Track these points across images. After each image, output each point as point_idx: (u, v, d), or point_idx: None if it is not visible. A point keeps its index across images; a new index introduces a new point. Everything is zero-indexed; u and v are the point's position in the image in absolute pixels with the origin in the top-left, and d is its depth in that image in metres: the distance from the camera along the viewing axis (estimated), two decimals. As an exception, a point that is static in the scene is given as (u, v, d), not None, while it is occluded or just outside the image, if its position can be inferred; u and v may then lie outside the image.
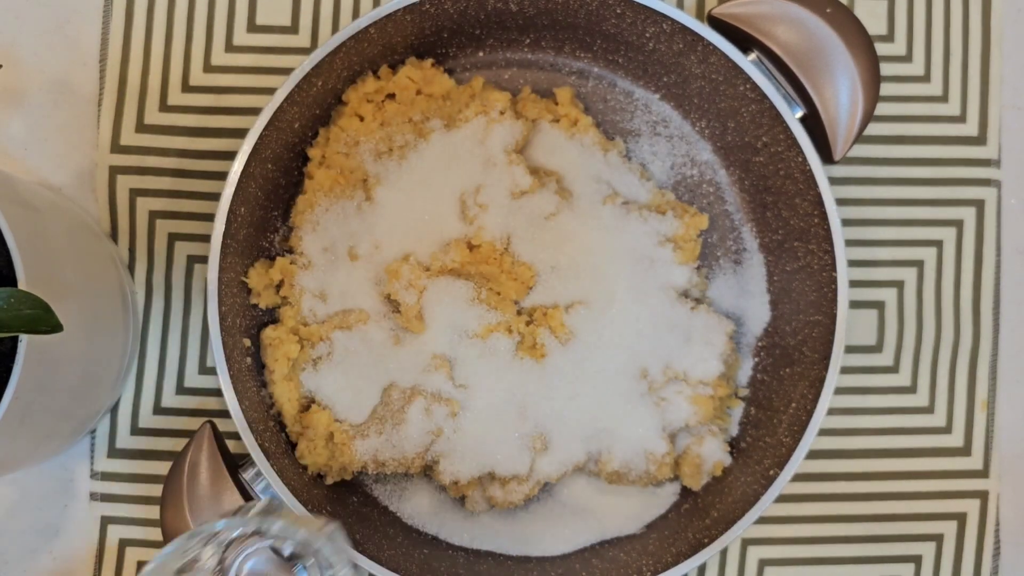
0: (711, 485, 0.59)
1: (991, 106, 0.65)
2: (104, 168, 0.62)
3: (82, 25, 0.63)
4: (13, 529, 0.61)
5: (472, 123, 0.58)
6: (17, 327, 0.42)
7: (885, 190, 0.64)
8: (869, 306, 0.64)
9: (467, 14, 0.59)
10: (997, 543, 0.64)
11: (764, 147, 0.59)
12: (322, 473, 0.58)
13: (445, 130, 0.59)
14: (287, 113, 0.55)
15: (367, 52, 0.58)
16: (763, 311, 0.62)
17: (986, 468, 0.64)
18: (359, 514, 0.59)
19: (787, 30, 0.57)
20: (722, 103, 0.60)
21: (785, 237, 0.60)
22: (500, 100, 0.59)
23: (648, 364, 0.58)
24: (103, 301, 0.55)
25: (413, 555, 0.58)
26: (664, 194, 0.61)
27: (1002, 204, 0.65)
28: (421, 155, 0.58)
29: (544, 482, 0.59)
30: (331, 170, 0.58)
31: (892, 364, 0.64)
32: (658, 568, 0.56)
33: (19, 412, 0.46)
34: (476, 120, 0.58)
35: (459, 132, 0.58)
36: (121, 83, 0.63)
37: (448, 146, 0.58)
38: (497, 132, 0.58)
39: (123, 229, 0.62)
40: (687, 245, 0.60)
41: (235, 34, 0.63)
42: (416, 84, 0.59)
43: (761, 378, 0.61)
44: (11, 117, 0.62)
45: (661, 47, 0.59)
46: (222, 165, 0.62)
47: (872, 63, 0.57)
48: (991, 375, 0.64)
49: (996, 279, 0.65)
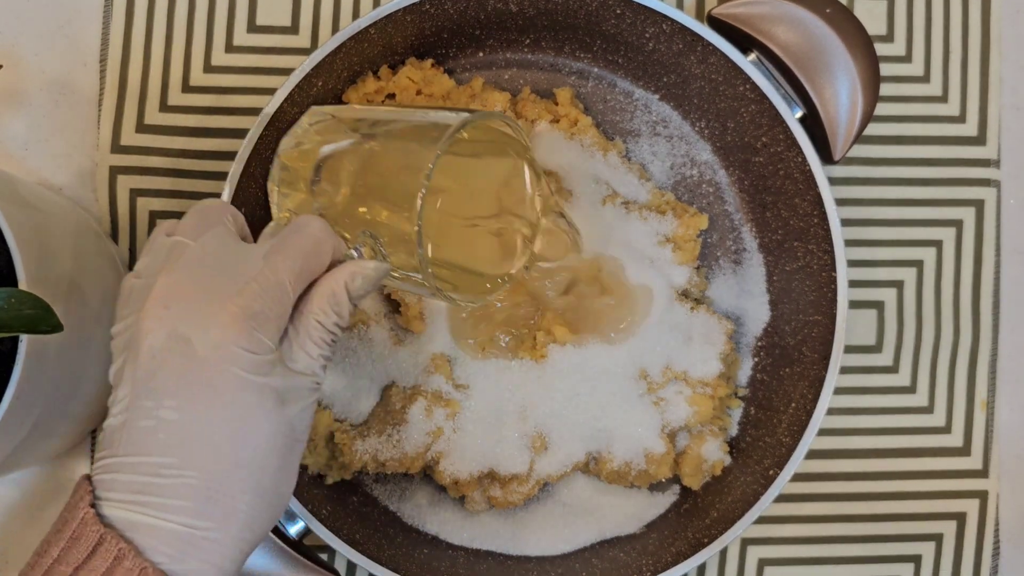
0: (711, 485, 0.60)
1: (990, 106, 0.65)
2: (104, 168, 0.62)
3: (82, 25, 0.63)
4: (13, 529, 0.61)
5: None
6: (18, 327, 0.42)
7: (884, 190, 0.64)
8: (869, 306, 0.64)
9: (467, 14, 0.59)
10: (996, 543, 0.64)
11: (764, 147, 0.59)
12: (322, 473, 0.59)
13: None
14: (287, 113, 0.56)
15: (367, 52, 0.58)
16: (763, 311, 0.62)
17: (985, 468, 0.64)
18: (359, 514, 0.59)
19: (787, 30, 0.57)
20: (722, 103, 0.60)
21: (785, 237, 0.60)
22: (500, 101, 0.59)
23: (648, 364, 0.58)
24: (103, 301, 0.55)
25: (413, 555, 0.58)
26: (664, 194, 0.61)
27: (1001, 204, 0.65)
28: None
29: (544, 482, 0.59)
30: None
31: (892, 364, 0.64)
32: (658, 568, 0.56)
33: (20, 412, 0.46)
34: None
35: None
36: (121, 83, 0.63)
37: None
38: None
39: (123, 229, 0.62)
40: (687, 245, 0.60)
41: (235, 34, 0.63)
42: (416, 84, 0.59)
43: (761, 378, 0.61)
44: (12, 117, 0.63)
45: (661, 47, 0.59)
46: (222, 165, 0.62)
47: (872, 63, 0.57)
48: (990, 375, 0.64)
49: (995, 279, 0.65)
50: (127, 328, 0.41)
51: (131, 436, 0.39)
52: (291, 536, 0.55)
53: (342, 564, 0.62)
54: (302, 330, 0.42)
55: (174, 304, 0.40)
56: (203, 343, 0.39)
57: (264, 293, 0.40)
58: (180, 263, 0.41)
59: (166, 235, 0.44)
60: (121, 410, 0.40)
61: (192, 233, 0.43)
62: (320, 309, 0.42)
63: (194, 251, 0.42)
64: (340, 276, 0.43)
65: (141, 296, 0.41)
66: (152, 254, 0.43)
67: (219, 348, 0.39)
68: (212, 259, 0.42)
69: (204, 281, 0.41)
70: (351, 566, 0.62)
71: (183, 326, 0.39)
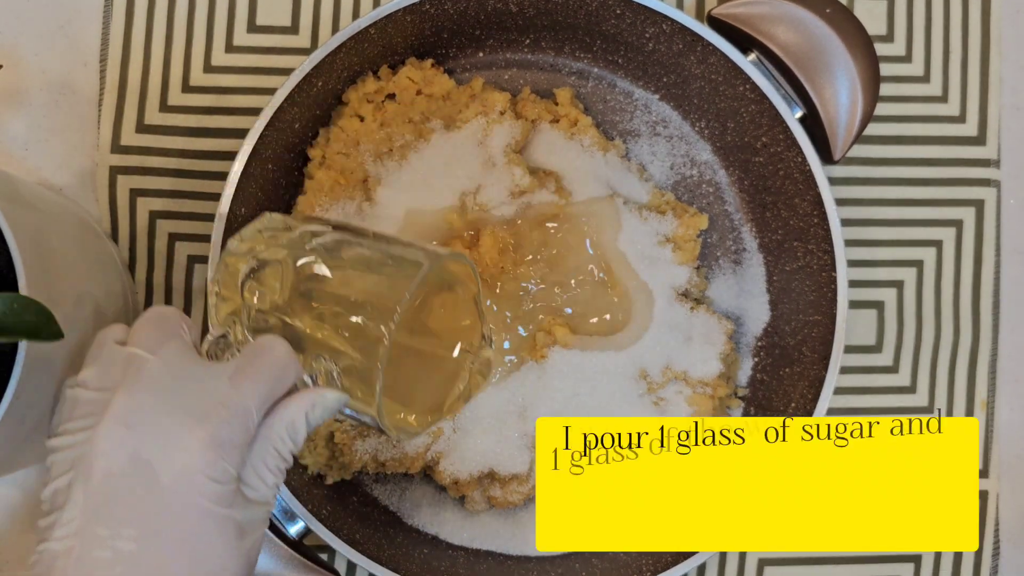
0: (711, 485, 0.60)
1: (990, 106, 0.65)
2: (104, 168, 0.62)
3: (83, 25, 0.63)
4: (14, 529, 0.61)
5: (472, 123, 0.59)
6: (19, 333, 0.42)
7: (884, 190, 0.64)
8: (868, 306, 0.64)
9: (467, 15, 0.59)
10: (997, 543, 0.64)
11: (764, 147, 0.59)
12: (322, 473, 0.59)
13: (445, 130, 0.59)
14: (287, 113, 0.56)
15: (367, 52, 0.58)
16: (763, 311, 0.62)
17: (986, 468, 0.64)
18: (359, 514, 0.59)
19: (787, 30, 0.57)
20: (721, 103, 0.60)
21: (784, 237, 0.60)
22: (500, 101, 0.59)
23: (648, 364, 0.58)
24: (104, 301, 0.55)
25: (413, 555, 0.58)
26: (663, 194, 0.61)
27: (1001, 204, 0.65)
28: (421, 155, 0.58)
29: (544, 482, 0.59)
30: (331, 171, 0.59)
31: (892, 364, 0.64)
32: (658, 568, 0.56)
33: (20, 412, 0.46)
34: (476, 120, 0.59)
35: (459, 133, 0.59)
36: (121, 83, 0.63)
37: (448, 146, 0.58)
38: (497, 132, 0.58)
39: (123, 229, 0.62)
40: (687, 245, 0.60)
41: (235, 34, 0.63)
42: (416, 84, 0.59)
43: (761, 378, 0.61)
44: (12, 117, 0.63)
45: (661, 47, 0.59)
46: (222, 165, 0.62)
47: (872, 63, 0.57)
48: (990, 375, 0.64)
49: (995, 279, 0.65)
50: (75, 444, 0.39)
51: (82, 566, 0.36)
52: (291, 536, 0.55)
53: (342, 564, 0.62)
54: (260, 457, 0.40)
55: (137, 425, 0.38)
56: (167, 470, 0.37)
57: (232, 419, 0.38)
58: (141, 380, 0.39)
59: (114, 342, 0.42)
60: (67, 534, 0.37)
61: (148, 344, 0.41)
62: (280, 437, 0.40)
63: (155, 367, 0.39)
64: (301, 405, 0.41)
65: (92, 410, 0.39)
66: (101, 364, 0.41)
67: (184, 476, 0.37)
68: (174, 378, 0.39)
69: (168, 402, 0.38)
70: (351, 566, 0.62)
71: (146, 450, 0.37)
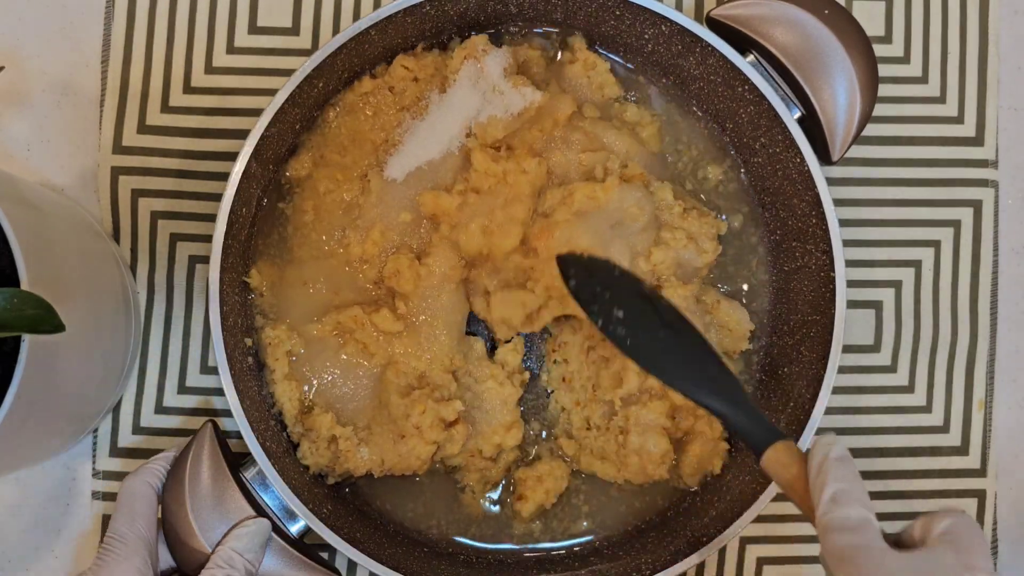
0: (710, 484, 0.60)
1: (988, 107, 0.65)
2: (106, 169, 0.62)
3: (85, 27, 0.63)
4: (15, 528, 0.61)
5: (463, 69, 0.58)
6: (20, 327, 0.42)
7: (883, 191, 0.65)
8: (867, 306, 0.64)
9: (467, 16, 0.59)
10: (994, 542, 0.64)
11: (762, 148, 0.59)
12: (323, 473, 0.59)
13: (440, 94, 0.58)
14: (288, 114, 0.56)
15: (368, 54, 0.58)
16: (762, 311, 0.62)
17: (983, 467, 0.64)
18: (359, 513, 0.59)
19: (785, 31, 0.57)
20: (720, 104, 0.60)
21: (783, 237, 0.61)
22: (479, 40, 0.58)
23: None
24: (105, 301, 0.56)
25: (413, 554, 0.58)
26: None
27: (999, 204, 0.65)
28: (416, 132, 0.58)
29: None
30: (330, 169, 0.59)
31: (890, 363, 0.64)
32: (657, 566, 0.56)
33: (22, 411, 0.46)
34: (466, 65, 0.58)
35: (454, 88, 0.58)
36: (123, 84, 0.63)
37: (447, 105, 0.58)
38: (489, 63, 0.58)
39: (125, 229, 0.62)
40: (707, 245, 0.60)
41: (236, 36, 0.64)
42: (412, 72, 0.59)
43: (760, 378, 0.62)
44: (14, 118, 0.63)
45: (660, 49, 0.59)
46: (223, 166, 0.62)
47: (870, 64, 0.57)
48: (988, 374, 0.65)
49: (993, 279, 0.65)
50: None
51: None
52: (292, 535, 0.55)
53: (343, 563, 0.62)
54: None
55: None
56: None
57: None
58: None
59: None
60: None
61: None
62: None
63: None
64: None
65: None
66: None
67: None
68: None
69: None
70: (351, 565, 0.62)
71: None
